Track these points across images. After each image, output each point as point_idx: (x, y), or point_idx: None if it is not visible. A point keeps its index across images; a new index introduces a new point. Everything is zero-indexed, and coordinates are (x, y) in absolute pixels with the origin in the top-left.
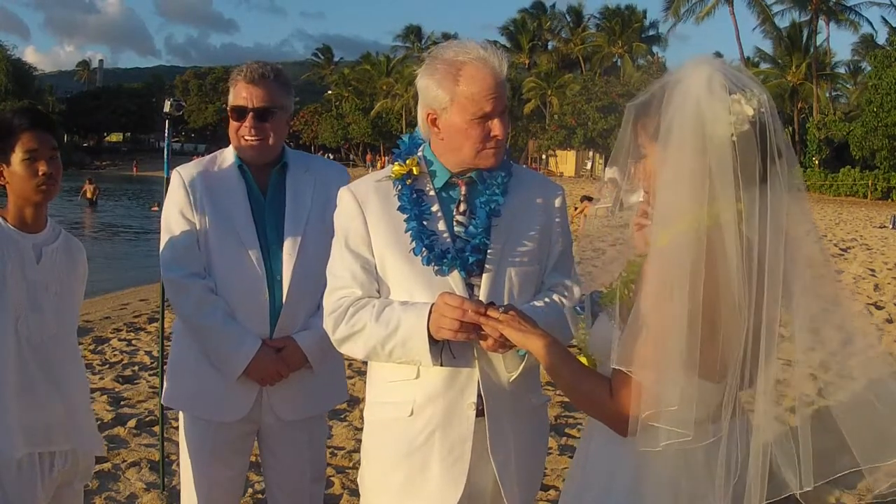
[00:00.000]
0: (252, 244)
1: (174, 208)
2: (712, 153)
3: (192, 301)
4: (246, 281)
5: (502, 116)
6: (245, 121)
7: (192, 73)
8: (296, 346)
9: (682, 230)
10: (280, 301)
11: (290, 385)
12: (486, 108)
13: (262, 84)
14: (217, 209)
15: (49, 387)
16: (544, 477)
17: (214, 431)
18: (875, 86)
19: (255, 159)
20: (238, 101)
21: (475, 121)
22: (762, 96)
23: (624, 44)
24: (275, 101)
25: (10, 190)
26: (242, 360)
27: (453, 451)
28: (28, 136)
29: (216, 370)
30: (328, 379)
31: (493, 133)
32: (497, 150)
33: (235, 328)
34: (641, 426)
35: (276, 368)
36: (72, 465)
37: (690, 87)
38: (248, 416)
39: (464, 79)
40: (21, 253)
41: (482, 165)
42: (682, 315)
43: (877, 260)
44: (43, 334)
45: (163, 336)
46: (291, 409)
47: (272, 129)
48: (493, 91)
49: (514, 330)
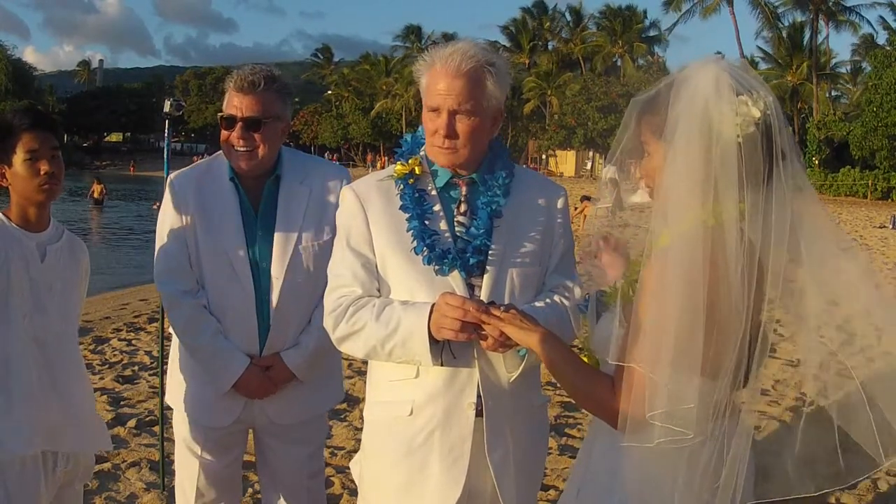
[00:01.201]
0: (241, 264)
1: (167, 222)
2: (717, 154)
3: (183, 319)
4: (235, 301)
5: (452, 116)
6: (234, 130)
7: (192, 73)
8: (283, 365)
9: (685, 230)
10: (269, 321)
11: (281, 394)
12: (434, 101)
13: (251, 93)
14: (209, 226)
15: (54, 386)
16: (544, 477)
17: (205, 431)
18: (875, 86)
19: (246, 171)
20: (228, 109)
21: (429, 113)
22: (768, 98)
23: (624, 43)
24: (266, 111)
25: (13, 190)
26: (230, 378)
27: (453, 451)
28: (29, 136)
29: (206, 377)
30: (323, 381)
31: (437, 130)
32: (444, 150)
33: (224, 346)
34: (634, 422)
35: (263, 386)
36: (73, 466)
37: (698, 87)
38: (238, 418)
39: (431, 72)
40: (25, 252)
41: (436, 161)
42: (691, 313)
43: (877, 260)
44: (48, 333)
45: (163, 336)
46: (284, 414)
47: (263, 140)
48: (440, 89)
49: (516, 327)
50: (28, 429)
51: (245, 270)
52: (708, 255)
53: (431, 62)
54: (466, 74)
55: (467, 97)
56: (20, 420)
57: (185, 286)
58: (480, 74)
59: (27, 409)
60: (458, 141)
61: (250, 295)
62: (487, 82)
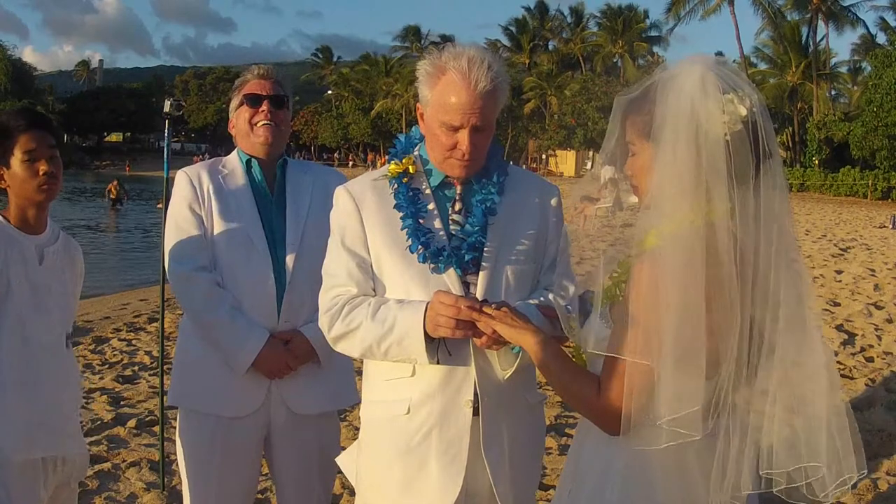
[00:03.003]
0: (258, 237)
1: (182, 203)
2: (706, 152)
3: (199, 294)
4: (252, 273)
5: (473, 132)
6: (261, 106)
7: (192, 73)
8: (303, 338)
9: (675, 229)
10: (285, 295)
11: (301, 378)
12: (454, 120)
13: (273, 78)
14: (224, 204)
15: (54, 389)
16: (544, 477)
17: (225, 430)
18: (875, 86)
19: (267, 148)
20: (249, 90)
21: (444, 128)
22: (754, 96)
23: (625, 43)
24: (286, 94)
25: (12, 192)
26: (250, 353)
27: (450, 449)
28: (26, 137)
29: (225, 365)
30: (340, 377)
31: (458, 145)
32: (463, 162)
33: (243, 321)
34: (636, 425)
35: (284, 361)
36: (70, 467)
37: (684, 87)
38: (259, 410)
39: (441, 85)
40: (24, 254)
41: (448, 173)
42: (692, 315)
43: (877, 260)
44: (50, 336)
45: (163, 336)
46: (303, 403)
47: (284, 119)
48: (462, 105)
49: (507, 325)
50: (29, 433)
51: (262, 244)
52: (703, 255)
53: (443, 67)
54: (489, 93)
55: (489, 115)
56: (20, 423)
57: (201, 263)
58: (498, 90)
59: (28, 413)
60: (477, 153)
61: (268, 263)
62: (501, 96)
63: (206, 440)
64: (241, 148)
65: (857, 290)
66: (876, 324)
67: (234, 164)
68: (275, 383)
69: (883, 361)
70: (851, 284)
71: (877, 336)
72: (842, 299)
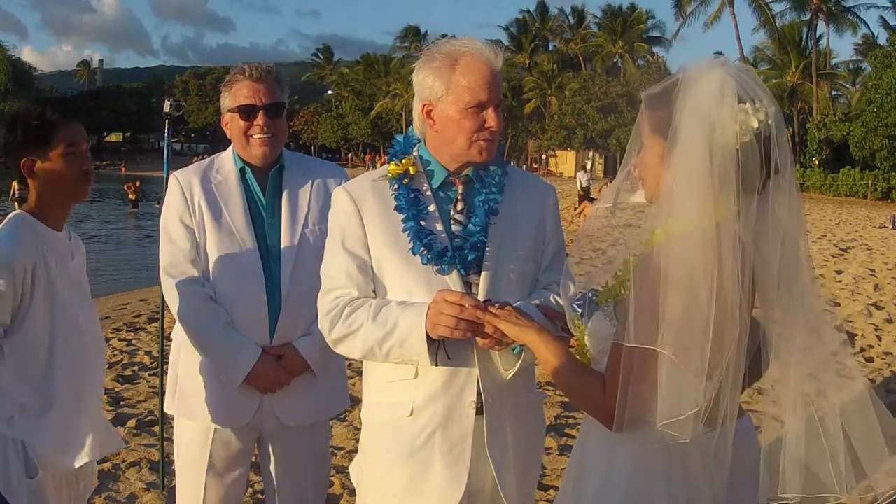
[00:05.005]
0: (251, 250)
1: (173, 214)
2: (717, 158)
3: (191, 309)
4: (245, 288)
5: (497, 108)
6: (256, 119)
7: (192, 74)
8: (296, 352)
9: (680, 231)
10: (279, 309)
11: (293, 390)
12: (481, 96)
13: (267, 81)
14: (216, 215)
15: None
16: (544, 477)
17: (216, 440)
18: (875, 86)
19: (264, 160)
20: (243, 100)
21: (470, 110)
22: (770, 108)
23: (625, 44)
24: (281, 97)
25: (42, 185)
26: (242, 369)
27: (454, 450)
28: (68, 128)
29: (217, 377)
30: (332, 385)
31: (487, 124)
32: (489, 142)
33: (235, 337)
34: (631, 424)
35: (276, 376)
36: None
37: (703, 90)
38: (251, 421)
39: (461, 68)
40: (61, 251)
41: (474, 159)
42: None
43: (877, 260)
44: (95, 334)
45: (163, 336)
46: (294, 415)
47: (282, 128)
48: (488, 80)
49: (511, 325)
50: (78, 441)
51: (255, 256)
52: (711, 256)
53: (454, 55)
54: (500, 72)
55: (500, 90)
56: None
57: (193, 276)
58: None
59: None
60: (499, 132)
61: (261, 281)
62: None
63: (197, 449)
64: (236, 152)
65: (857, 290)
66: (876, 324)
67: (229, 169)
68: (267, 396)
69: (883, 362)
70: (851, 285)
71: (877, 336)
72: (842, 300)
